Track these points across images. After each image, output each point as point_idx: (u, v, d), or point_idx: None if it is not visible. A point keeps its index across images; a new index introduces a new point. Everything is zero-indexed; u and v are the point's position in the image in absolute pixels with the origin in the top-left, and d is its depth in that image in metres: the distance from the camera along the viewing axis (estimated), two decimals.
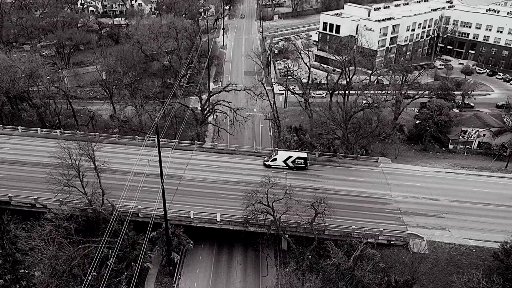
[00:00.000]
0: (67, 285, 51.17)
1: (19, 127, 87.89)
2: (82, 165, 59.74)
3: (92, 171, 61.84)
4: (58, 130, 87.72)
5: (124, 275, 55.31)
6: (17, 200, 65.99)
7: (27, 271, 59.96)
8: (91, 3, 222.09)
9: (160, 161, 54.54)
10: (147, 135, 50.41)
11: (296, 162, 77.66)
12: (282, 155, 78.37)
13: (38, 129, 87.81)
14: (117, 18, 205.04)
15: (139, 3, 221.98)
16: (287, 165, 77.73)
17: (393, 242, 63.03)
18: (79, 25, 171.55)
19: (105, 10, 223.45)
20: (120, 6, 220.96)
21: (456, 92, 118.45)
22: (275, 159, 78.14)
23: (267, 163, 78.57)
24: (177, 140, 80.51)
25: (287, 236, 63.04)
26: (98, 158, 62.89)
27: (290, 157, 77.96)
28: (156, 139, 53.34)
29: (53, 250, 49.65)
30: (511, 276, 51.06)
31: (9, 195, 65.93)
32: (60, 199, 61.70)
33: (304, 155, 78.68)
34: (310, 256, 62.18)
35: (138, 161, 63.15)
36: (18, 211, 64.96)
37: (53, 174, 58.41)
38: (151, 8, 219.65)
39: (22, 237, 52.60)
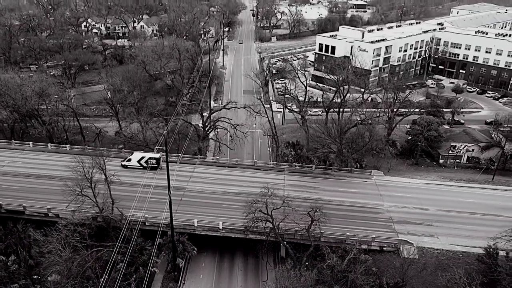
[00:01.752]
0: (81, 286, 54.90)
1: (30, 143, 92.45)
2: (94, 176, 64.10)
3: (102, 184, 66.24)
4: (67, 145, 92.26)
5: (133, 278, 59.03)
6: (31, 209, 70.01)
7: (39, 277, 63.71)
8: (95, 25, 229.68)
9: (167, 172, 59.11)
10: (156, 147, 55.02)
11: (148, 162, 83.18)
12: (136, 156, 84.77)
13: (49, 144, 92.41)
14: (120, 40, 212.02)
15: (141, 25, 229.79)
16: (141, 165, 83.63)
17: (385, 248, 67.02)
18: (84, 46, 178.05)
19: (108, 32, 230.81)
20: (123, 28, 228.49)
21: (446, 110, 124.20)
22: (129, 160, 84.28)
23: (123, 163, 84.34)
24: (181, 154, 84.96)
25: (285, 242, 67.04)
26: (107, 171, 67.29)
27: (143, 157, 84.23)
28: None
29: (69, 252, 53.65)
30: (492, 275, 55.10)
31: (24, 205, 70.01)
32: (72, 209, 65.83)
33: (156, 156, 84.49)
34: (307, 263, 66.09)
35: (146, 175, 68.16)
36: (32, 220, 68.92)
37: (67, 184, 62.62)
38: (153, 30, 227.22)
39: (40, 241, 56.53)
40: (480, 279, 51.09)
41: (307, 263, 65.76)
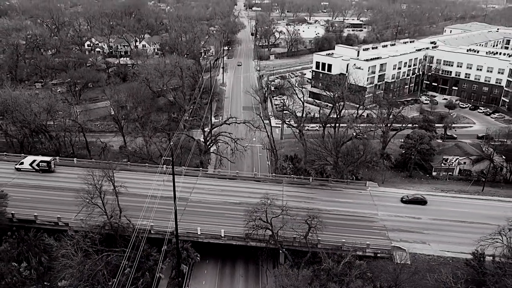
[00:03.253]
0: None
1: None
2: (103, 185, 67.97)
3: (110, 195, 70.09)
4: (74, 159, 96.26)
5: (140, 282, 62.34)
6: (41, 219, 73.57)
7: (49, 283, 66.90)
8: (98, 44, 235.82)
9: (173, 183, 63.00)
10: (163, 157, 59.08)
11: (40, 165, 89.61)
12: (28, 159, 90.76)
13: (57, 157, 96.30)
14: (122, 58, 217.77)
15: (143, 44, 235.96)
16: (33, 167, 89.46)
17: (379, 255, 70.54)
18: (88, 64, 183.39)
19: (111, 51, 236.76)
20: (125, 47, 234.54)
21: (438, 125, 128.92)
22: (22, 163, 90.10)
23: (16, 166, 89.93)
24: (184, 167, 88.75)
25: (284, 249, 70.49)
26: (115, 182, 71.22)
27: (35, 160, 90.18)
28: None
29: (81, 256, 57.13)
30: (478, 277, 58.66)
31: (35, 214, 73.56)
32: (81, 218, 69.41)
33: (47, 159, 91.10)
34: (304, 269, 69.30)
35: (151, 186, 72.25)
36: (42, 229, 72.34)
37: (79, 193, 66.54)
38: (154, 49, 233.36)
39: (54, 246, 60.07)
40: (465, 277, 54.63)
41: (304, 269, 68.98)
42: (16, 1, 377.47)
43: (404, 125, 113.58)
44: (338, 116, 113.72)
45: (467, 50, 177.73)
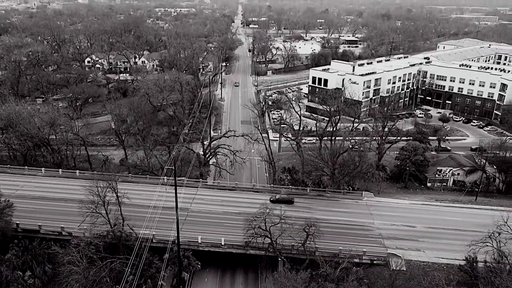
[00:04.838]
0: None
1: (42, 169, 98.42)
2: (106, 195, 70.04)
3: (113, 205, 72.05)
4: (77, 171, 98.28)
5: None
6: (45, 228, 75.30)
7: None
8: (98, 60, 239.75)
9: (175, 192, 65.19)
10: (165, 166, 61.43)
11: None
12: None
13: (60, 170, 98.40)
14: (122, 74, 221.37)
15: (142, 61, 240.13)
16: None
17: (375, 262, 72.38)
18: (88, 80, 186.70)
19: (110, 67, 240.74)
20: (125, 63, 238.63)
21: (433, 137, 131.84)
22: None
23: None
24: (185, 178, 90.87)
25: (283, 257, 72.26)
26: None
27: None
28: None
29: (86, 263, 58.87)
30: (471, 281, 60.62)
31: (39, 224, 75.30)
32: (84, 227, 71.20)
33: None
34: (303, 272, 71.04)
35: (152, 197, 74.34)
36: (46, 238, 74.00)
37: (84, 202, 68.62)
38: (153, 65, 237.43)
39: (60, 253, 61.84)
40: (457, 280, 56.63)
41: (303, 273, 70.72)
42: (16, 19, 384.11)
43: (399, 137, 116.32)
44: (334, 129, 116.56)
45: (460, 65, 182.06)
